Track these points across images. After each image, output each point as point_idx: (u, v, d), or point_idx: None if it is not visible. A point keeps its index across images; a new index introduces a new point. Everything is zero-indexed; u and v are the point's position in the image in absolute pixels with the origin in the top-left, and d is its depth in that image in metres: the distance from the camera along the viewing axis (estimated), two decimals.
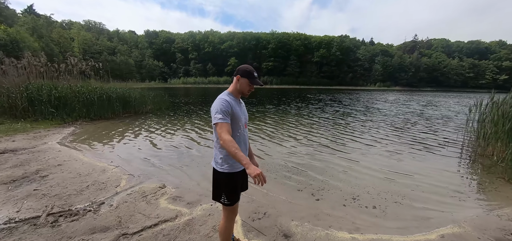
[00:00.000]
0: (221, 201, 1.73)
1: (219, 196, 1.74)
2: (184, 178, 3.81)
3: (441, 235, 2.41)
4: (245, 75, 1.71)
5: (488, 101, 5.72)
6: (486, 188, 3.69)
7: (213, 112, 1.59)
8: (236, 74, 1.72)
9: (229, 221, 1.81)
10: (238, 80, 1.71)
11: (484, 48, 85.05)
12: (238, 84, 1.72)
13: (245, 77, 1.71)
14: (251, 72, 1.72)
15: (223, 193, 1.71)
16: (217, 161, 1.71)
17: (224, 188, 1.70)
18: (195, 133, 7.21)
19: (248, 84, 1.73)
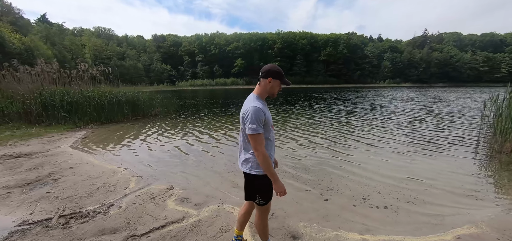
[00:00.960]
0: (256, 201, 1.76)
1: (253, 197, 1.77)
2: (192, 179, 3.82)
3: (457, 235, 2.30)
4: (277, 76, 1.70)
5: (505, 95, 5.48)
6: (504, 186, 3.52)
7: (248, 121, 1.56)
8: (267, 76, 1.68)
9: (264, 218, 1.86)
10: (270, 82, 1.68)
11: (499, 40, 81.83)
12: (268, 86, 1.69)
13: (277, 79, 1.70)
14: (281, 73, 1.72)
15: (258, 194, 1.74)
16: (252, 165, 1.69)
17: (259, 190, 1.73)
18: (202, 135, 7.25)
19: (279, 85, 1.74)
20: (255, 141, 1.55)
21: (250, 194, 1.79)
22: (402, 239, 2.25)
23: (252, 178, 1.72)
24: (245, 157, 1.72)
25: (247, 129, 1.56)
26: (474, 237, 2.27)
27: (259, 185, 1.71)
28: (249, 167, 1.70)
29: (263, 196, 1.74)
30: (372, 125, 8.48)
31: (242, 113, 1.65)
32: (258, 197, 1.73)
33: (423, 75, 76.37)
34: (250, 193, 1.79)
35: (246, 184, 1.80)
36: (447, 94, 25.35)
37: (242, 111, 1.65)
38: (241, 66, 76.08)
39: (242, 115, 1.63)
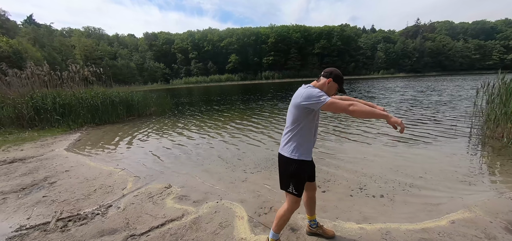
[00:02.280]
0: (289, 190, 1.76)
1: (287, 185, 1.77)
2: (190, 177, 3.82)
3: (451, 220, 2.36)
4: (338, 80, 1.73)
5: (495, 82, 5.58)
6: (496, 170, 3.61)
7: (314, 98, 1.56)
8: (329, 76, 1.72)
9: (290, 212, 1.83)
10: (329, 83, 1.72)
11: (490, 28, 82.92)
12: (326, 86, 1.73)
13: (336, 83, 1.73)
14: (342, 79, 1.76)
15: (291, 183, 1.74)
16: (290, 149, 1.73)
17: (292, 177, 1.73)
18: (198, 132, 7.23)
19: (336, 89, 1.77)
20: (334, 107, 1.54)
21: (284, 182, 1.80)
22: (398, 226, 2.30)
23: (290, 163, 1.72)
24: (285, 140, 1.76)
25: (318, 103, 1.55)
26: (468, 221, 2.33)
27: (294, 172, 1.72)
28: (288, 151, 1.73)
29: (296, 185, 1.74)
30: None
31: (296, 95, 1.68)
32: (292, 185, 1.74)
33: (416, 65, 77.19)
34: (283, 181, 1.80)
35: (280, 169, 1.82)
36: (440, 83, 25.69)
37: (298, 94, 1.68)
38: (236, 62, 75.66)
39: (296, 103, 1.65)
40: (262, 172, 3.86)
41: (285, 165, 1.77)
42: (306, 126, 1.71)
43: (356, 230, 2.27)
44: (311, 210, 2.12)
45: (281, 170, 1.83)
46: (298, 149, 1.72)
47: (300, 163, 1.72)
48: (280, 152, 1.81)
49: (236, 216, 2.58)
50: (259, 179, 3.61)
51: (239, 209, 2.71)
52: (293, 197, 1.77)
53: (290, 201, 1.79)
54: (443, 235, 2.14)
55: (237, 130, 7.29)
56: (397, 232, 2.21)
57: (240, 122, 8.64)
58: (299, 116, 1.67)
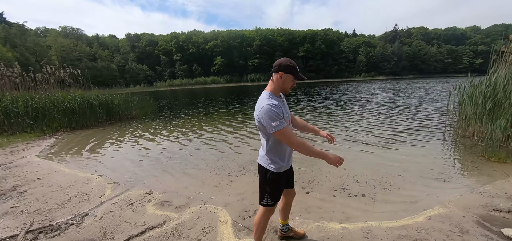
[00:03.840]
0: (263, 203, 1.75)
1: (262, 196, 1.75)
2: (172, 182, 3.71)
3: (428, 217, 2.46)
4: (289, 70, 1.59)
5: (465, 85, 5.94)
6: (468, 167, 3.83)
7: (267, 122, 1.49)
8: (278, 70, 1.59)
9: (266, 219, 1.82)
10: (281, 76, 1.59)
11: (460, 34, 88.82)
12: (280, 81, 1.60)
13: (289, 73, 1.60)
14: (294, 67, 1.61)
15: (267, 194, 1.72)
16: (266, 159, 1.69)
17: (269, 187, 1.70)
18: (182, 136, 7.07)
19: (292, 80, 1.63)
20: (283, 136, 1.50)
21: (260, 193, 1.77)
22: (379, 224, 2.36)
23: (265, 173, 1.69)
24: (262, 150, 1.73)
25: (270, 129, 1.49)
26: (443, 217, 2.44)
27: (269, 182, 1.69)
28: (263, 160, 1.71)
29: (271, 196, 1.73)
30: (347, 118, 8.79)
31: (256, 115, 1.59)
32: (267, 196, 1.72)
33: (395, 68, 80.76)
34: (260, 192, 1.77)
35: (260, 179, 1.78)
36: (417, 85, 27.01)
37: (256, 113, 1.59)
38: (221, 64, 75.29)
39: (257, 117, 1.57)
40: (247, 175, 3.83)
41: (262, 175, 1.74)
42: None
43: (339, 230, 2.31)
44: (285, 215, 2.11)
45: (260, 179, 1.79)
46: (274, 159, 1.67)
47: (276, 174, 1.68)
48: (258, 161, 1.77)
49: (220, 221, 2.53)
50: (244, 182, 3.57)
51: (223, 213, 2.67)
52: (268, 207, 1.76)
53: (265, 209, 1.77)
54: (420, 231, 2.22)
55: (222, 133, 7.21)
56: (378, 230, 2.27)
57: (225, 125, 8.56)
58: (265, 130, 1.58)
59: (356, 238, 2.17)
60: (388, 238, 2.14)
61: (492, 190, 2.95)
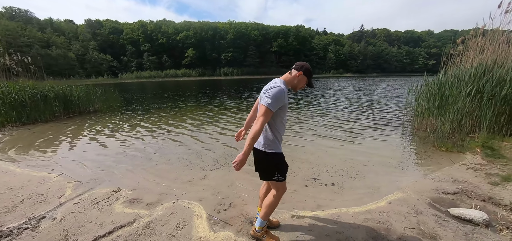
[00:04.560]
0: (275, 178, 1.85)
1: (272, 175, 1.85)
2: (142, 178, 3.53)
3: (389, 201, 2.71)
4: (307, 74, 1.80)
5: (421, 84, 6.58)
6: (422, 157, 4.27)
7: (268, 95, 1.64)
8: (299, 69, 1.78)
9: (280, 197, 1.94)
10: (299, 76, 1.78)
11: (417, 37, 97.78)
12: (296, 79, 1.79)
13: (306, 76, 1.81)
14: (311, 74, 1.83)
15: (277, 171, 1.84)
16: (269, 144, 1.78)
17: (277, 166, 1.83)
18: (152, 130, 6.74)
19: (305, 82, 1.84)
20: (264, 113, 1.61)
21: (268, 173, 1.86)
22: (347, 210, 2.53)
23: (270, 158, 1.80)
24: (261, 136, 1.80)
25: (264, 100, 1.64)
26: (402, 200, 2.71)
27: (277, 162, 1.82)
28: (265, 146, 1.79)
29: (282, 171, 1.85)
30: (316, 113, 9.19)
31: (266, 88, 1.74)
32: (278, 174, 1.84)
33: (361, 66, 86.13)
34: (268, 172, 1.86)
35: (262, 164, 1.87)
36: (379, 83, 29.15)
37: (266, 88, 1.74)
38: (193, 57, 72.78)
39: (267, 89, 1.71)
40: (222, 169, 3.80)
41: (266, 160, 1.83)
42: (280, 120, 1.79)
43: (311, 217, 2.42)
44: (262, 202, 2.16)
45: (262, 166, 1.88)
46: (275, 142, 1.79)
47: (280, 155, 1.83)
48: (258, 148, 1.83)
49: (195, 215, 2.49)
50: (218, 176, 3.55)
51: (197, 208, 2.63)
52: (280, 183, 1.88)
53: (278, 187, 1.89)
54: (382, 214, 2.44)
55: (194, 127, 7.03)
56: (346, 215, 2.43)
57: (198, 118, 8.36)
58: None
59: (326, 224, 2.30)
60: (355, 222, 2.31)
61: (441, 175, 3.35)
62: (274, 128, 1.78)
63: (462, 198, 2.73)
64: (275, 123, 1.77)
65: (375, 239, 2.08)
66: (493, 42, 5.77)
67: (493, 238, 2.04)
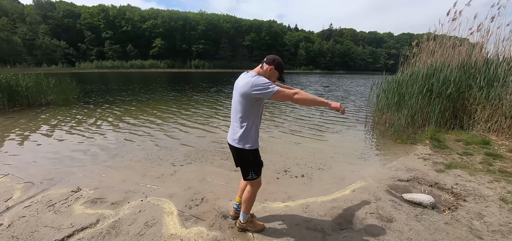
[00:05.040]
0: (249, 177, 1.88)
1: (247, 173, 1.88)
2: (106, 176, 3.30)
3: (352, 189, 2.93)
4: (279, 68, 1.80)
5: (381, 82, 7.15)
6: (381, 148, 4.68)
7: (263, 87, 1.60)
8: (271, 64, 1.77)
9: (255, 192, 1.98)
10: (270, 70, 1.78)
11: (379, 38, 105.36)
12: (268, 73, 1.78)
13: (278, 71, 1.81)
14: (283, 67, 1.84)
15: (251, 170, 1.86)
16: (245, 141, 1.77)
17: (251, 164, 1.85)
18: (116, 124, 6.30)
19: (277, 76, 1.84)
20: (281, 96, 1.60)
21: (244, 171, 1.90)
22: (315, 200, 2.68)
23: (246, 154, 1.80)
24: (238, 132, 1.78)
25: (269, 93, 1.59)
26: (364, 188, 2.95)
27: (251, 160, 1.83)
28: (242, 142, 1.78)
29: (255, 170, 1.88)
30: (286, 108, 9.47)
31: (242, 84, 1.68)
32: (251, 173, 1.86)
33: (329, 64, 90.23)
34: (243, 170, 1.89)
35: (240, 161, 1.88)
36: (345, 80, 30.95)
37: (241, 83, 1.71)
38: (161, 47, 68.99)
39: (247, 85, 1.64)
40: (193, 164, 3.73)
41: (242, 157, 1.84)
42: (256, 114, 1.79)
43: (282, 208, 2.51)
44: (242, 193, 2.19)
45: (240, 161, 1.90)
46: (251, 138, 1.79)
47: (256, 151, 1.85)
48: (234, 145, 1.82)
49: (165, 212, 2.41)
50: (189, 171, 3.47)
51: (167, 205, 2.55)
52: (254, 180, 1.91)
53: (252, 183, 1.93)
54: (346, 202, 2.63)
55: (163, 121, 6.74)
56: (315, 205, 2.58)
57: (166, 112, 8.03)
58: (249, 106, 1.71)
59: (296, 213, 2.41)
60: (323, 210, 2.46)
61: (396, 165, 3.71)
62: (252, 121, 1.78)
63: (413, 184, 3.07)
64: (253, 116, 1.77)
65: (340, 225, 2.25)
66: (442, 46, 6.50)
67: (438, 218, 2.34)
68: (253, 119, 1.78)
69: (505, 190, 2.83)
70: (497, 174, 3.25)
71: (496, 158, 3.79)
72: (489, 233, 2.12)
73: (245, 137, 1.77)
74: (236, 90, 1.76)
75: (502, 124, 4.83)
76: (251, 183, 1.93)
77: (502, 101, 4.84)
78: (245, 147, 1.78)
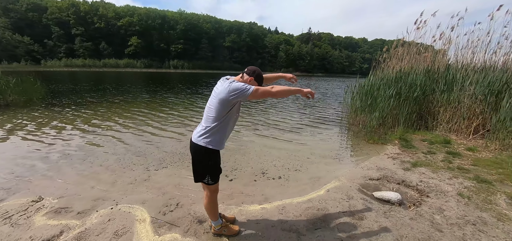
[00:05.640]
0: (205, 181, 1.83)
1: (203, 177, 1.82)
2: (71, 184, 3.08)
3: (327, 189, 3.02)
4: (259, 80, 1.86)
5: (356, 85, 7.49)
6: (355, 148, 4.89)
7: (241, 89, 1.62)
8: (252, 75, 1.84)
9: (214, 199, 1.95)
10: (250, 81, 1.82)
11: (355, 43, 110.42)
12: (247, 83, 1.76)
13: (257, 81, 1.85)
14: (262, 80, 1.90)
15: (208, 174, 1.82)
16: (209, 140, 1.74)
17: (209, 168, 1.81)
18: (85, 127, 5.92)
19: None
20: (259, 94, 1.63)
21: (200, 174, 1.83)
22: (291, 201, 2.73)
23: (207, 154, 1.76)
24: (203, 130, 1.76)
25: (247, 93, 1.61)
26: (337, 188, 3.06)
27: (211, 163, 1.80)
28: (205, 141, 1.74)
29: (213, 175, 1.84)
30: (264, 111, 9.57)
31: (220, 90, 1.69)
32: (208, 176, 1.82)
33: (308, 66, 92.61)
34: (200, 171, 1.83)
35: (196, 163, 1.82)
36: (322, 82, 31.98)
37: (219, 89, 1.71)
38: (138, 46, 66.21)
39: (224, 91, 1.66)
40: (168, 168, 3.61)
41: (202, 157, 1.79)
42: (229, 119, 1.78)
43: (258, 210, 2.52)
44: None
45: (197, 163, 1.83)
46: (218, 140, 1.77)
47: (218, 153, 1.81)
48: (197, 143, 1.77)
49: (137, 220, 2.31)
50: (164, 175, 3.36)
51: (140, 212, 2.44)
52: (211, 186, 1.87)
53: (209, 189, 1.89)
54: (321, 202, 2.71)
55: (137, 123, 6.47)
56: (290, 206, 2.62)
57: (141, 114, 7.72)
58: (223, 110, 1.71)
59: (272, 215, 2.44)
60: (298, 211, 2.51)
61: (368, 164, 3.90)
62: (223, 125, 1.76)
63: (383, 183, 3.24)
64: (226, 121, 1.77)
65: (315, 224, 2.30)
66: (409, 53, 6.97)
67: (404, 214, 2.49)
68: (224, 122, 1.76)
69: (462, 186, 3.09)
70: (455, 171, 3.54)
71: (456, 156, 4.14)
72: (448, 226, 2.30)
73: (209, 136, 1.75)
74: (214, 96, 1.76)
75: (461, 125, 5.29)
76: (208, 188, 1.89)
77: (461, 104, 5.30)
78: (207, 145, 1.74)
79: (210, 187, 1.87)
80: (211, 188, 1.88)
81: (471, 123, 5.17)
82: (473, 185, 3.11)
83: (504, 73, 5.11)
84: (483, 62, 5.83)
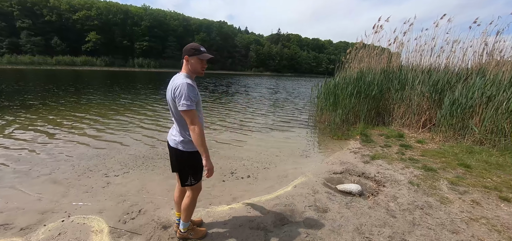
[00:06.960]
0: (188, 182, 1.79)
1: (185, 179, 1.78)
2: (14, 195, 2.71)
3: (294, 185, 3.11)
4: (193, 53, 1.64)
5: (321, 84, 7.86)
6: (320, 145, 5.12)
7: (181, 97, 1.52)
8: (185, 55, 1.65)
9: (195, 199, 1.91)
10: (187, 61, 1.65)
11: (321, 44, 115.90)
12: (190, 64, 1.66)
13: (194, 56, 1.64)
14: (197, 49, 1.65)
15: (190, 175, 1.77)
16: (185, 142, 1.69)
17: (191, 168, 1.76)
18: (33, 131, 5.26)
19: (200, 61, 1.67)
20: (190, 116, 1.55)
21: (182, 176, 1.79)
22: (259, 199, 2.75)
23: (187, 157, 1.72)
24: (178, 133, 1.71)
25: (181, 105, 1.53)
26: (304, 183, 3.17)
27: (193, 163, 1.74)
28: (183, 145, 1.70)
29: (195, 175, 1.80)
30: (234, 110, 9.57)
31: (171, 90, 1.60)
32: (191, 178, 1.78)
33: (278, 66, 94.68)
34: (182, 174, 1.79)
35: (179, 164, 1.77)
36: (291, 82, 32.95)
37: (171, 88, 1.61)
38: (97, 42, 60.94)
39: (172, 91, 1.58)
40: (131, 173, 3.39)
41: (182, 160, 1.75)
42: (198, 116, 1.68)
43: (226, 211, 2.50)
44: (179, 206, 2.00)
45: (178, 165, 1.79)
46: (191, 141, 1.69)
47: (196, 153, 1.70)
48: (174, 146, 1.73)
49: (92, 231, 2.12)
50: (126, 181, 3.14)
51: (96, 222, 2.25)
52: (194, 186, 1.83)
53: (192, 189, 1.85)
54: (288, 198, 2.78)
55: (95, 126, 5.95)
56: (258, 204, 2.64)
57: (100, 116, 7.12)
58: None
59: (240, 215, 2.43)
60: (266, 209, 2.54)
61: (332, 159, 4.11)
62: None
63: (346, 176, 3.45)
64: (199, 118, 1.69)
65: (282, 220, 2.35)
66: (369, 54, 7.53)
67: (363, 204, 2.68)
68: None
69: (413, 174, 3.43)
70: (407, 162, 3.92)
71: (407, 148, 4.58)
72: (400, 211, 2.54)
73: (187, 139, 1.70)
74: (169, 94, 1.67)
75: (412, 120, 5.88)
76: (190, 188, 1.85)
77: (412, 101, 5.89)
78: (187, 149, 1.71)
79: (192, 187, 1.84)
80: (194, 187, 1.85)
81: (420, 118, 5.78)
82: (421, 173, 3.47)
83: (446, 74, 5.81)
84: (429, 64, 6.56)
